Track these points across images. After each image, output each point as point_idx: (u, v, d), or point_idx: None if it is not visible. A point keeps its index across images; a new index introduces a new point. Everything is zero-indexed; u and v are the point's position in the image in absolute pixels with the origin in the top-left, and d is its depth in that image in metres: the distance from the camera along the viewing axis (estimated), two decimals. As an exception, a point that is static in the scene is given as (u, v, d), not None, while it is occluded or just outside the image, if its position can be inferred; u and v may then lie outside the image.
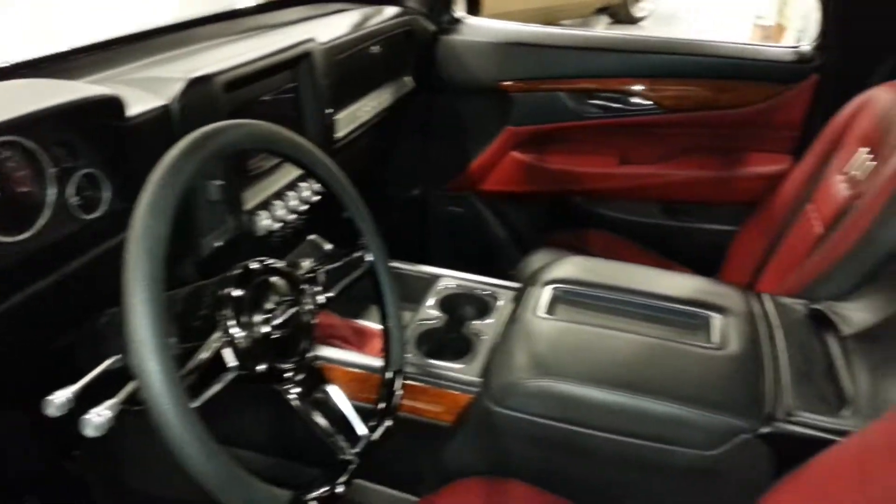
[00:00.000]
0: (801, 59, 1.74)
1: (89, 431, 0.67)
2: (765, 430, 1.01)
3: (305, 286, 0.85)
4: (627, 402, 1.04)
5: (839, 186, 1.43)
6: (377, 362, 0.99)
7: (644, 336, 1.15)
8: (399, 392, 0.94)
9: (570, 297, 1.27)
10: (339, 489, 0.77)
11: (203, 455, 0.61)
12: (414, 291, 1.39)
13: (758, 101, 1.76)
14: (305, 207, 1.24)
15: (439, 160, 2.08)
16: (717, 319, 1.21)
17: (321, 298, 0.87)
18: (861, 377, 1.08)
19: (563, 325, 1.19)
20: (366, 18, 1.63)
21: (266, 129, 0.81)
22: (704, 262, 1.80)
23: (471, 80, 1.93)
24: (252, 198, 1.15)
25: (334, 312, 1.36)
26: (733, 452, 1.01)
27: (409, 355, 1.17)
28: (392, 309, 0.96)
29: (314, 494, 0.74)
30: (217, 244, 1.06)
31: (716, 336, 1.17)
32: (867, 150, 1.40)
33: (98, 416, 0.67)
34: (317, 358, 0.84)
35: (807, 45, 1.77)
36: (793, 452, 0.91)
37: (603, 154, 1.96)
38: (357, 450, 0.83)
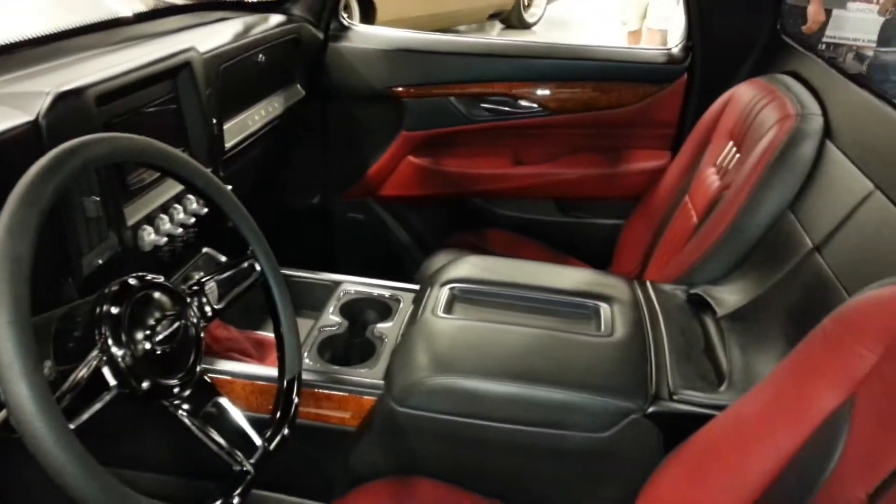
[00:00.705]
0: (672, 61, 1.86)
1: None
2: (651, 409, 1.07)
3: (190, 299, 0.84)
4: (523, 392, 1.08)
5: (711, 179, 1.53)
6: (275, 372, 0.98)
7: (538, 328, 1.20)
8: (296, 400, 0.94)
9: (467, 295, 1.31)
10: (235, 501, 0.76)
11: (84, 477, 0.59)
12: (315, 299, 1.39)
13: (635, 101, 1.86)
14: (193, 220, 1.21)
15: (336, 167, 2.07)
16: (605, 308, 1.27)
17: (208, 311, 0.86)
18: (734, 354, 1.17)
19: (461, 323, 1.21)
20: (250, 27, 1.60)
21: (134, 142, 0.79)
22: (598, 255, 1.89)
23: (362, 86, 1.94)
24: (135, 213, 1.11)
25: (234, 325, 1.34)
26: (624, 433, 1.07)
27: (310, 362, 1.17)
28: (284, 316, 0.96)
29: None
30: (99, 262, 1.02)
31: (604, 324, 1.23)
32: (732, 143, 1.51)
33: None
34: (206, 371, 0.83)
35: (676, 47, 1.88)
36: (678, 429, 0.97)
37: (496, 156, 2.01)
38: (253, 461, 0.82)
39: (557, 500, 1.13)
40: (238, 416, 0.85)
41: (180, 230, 1.18)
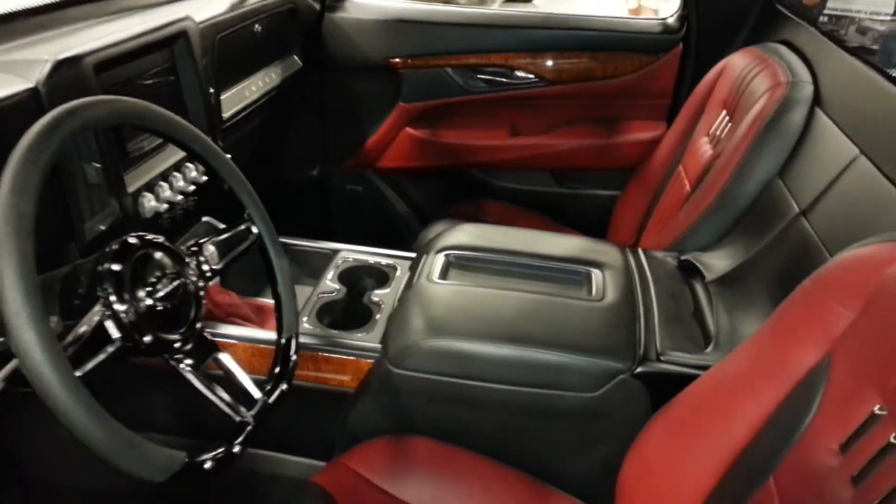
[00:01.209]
0: (667, 30, 1.86)
1: None
2: (639, 370, 1.10)
3: (189, 259, 0.86)
4: (516, 353, 1.10)
5: (704, 148, 1.55)
6: (275, 335, 1.01)
7: (530, 293, 1.23)
8: (294, 357, 0.97)
9: (462, 261, 1.33)
10: (236, 449, 0.79)
11: (91, 420, 0.62)
12: (314, 267, 1.42)
13: (631, 71, 1.87)
14: (193, 188, 1.23)
15: (335, 139, 2.09)
16: (596, 274, 1.30)
17: (207, 270, 0.89)
18: (721, 317, 1.20)
19: (456, 288, 1.24)
20: None
21: (132, 105, 0.81)
22: (594, 225, 1.91)
23: (359, 57, 1.94)
24: (135, 180, 1.13)
25: (235, 292, 1.36)
26: (613, 393, 1.10)
27: (310, 327, 1.20)
28: (281, 278, 0.98)
29: (209, 455, 0.75)
30: (101, 228, 1.05)
31: (595, 289, 1.25)
32: (725, 112, 1.52)
33: None
34: (206, 328, 0.86)
35: (671, 17, 1.88)
36: (665, 389, 1.00)
37: (493, 127, 2.02)
38: (253, 412, 0.85)
39: (549, 457, 1.17)
40: (238, 371, 0.88)
41: (180, 197, 1.20)
